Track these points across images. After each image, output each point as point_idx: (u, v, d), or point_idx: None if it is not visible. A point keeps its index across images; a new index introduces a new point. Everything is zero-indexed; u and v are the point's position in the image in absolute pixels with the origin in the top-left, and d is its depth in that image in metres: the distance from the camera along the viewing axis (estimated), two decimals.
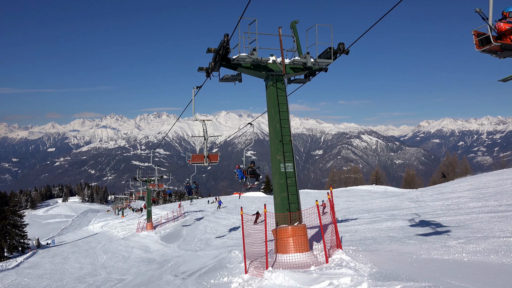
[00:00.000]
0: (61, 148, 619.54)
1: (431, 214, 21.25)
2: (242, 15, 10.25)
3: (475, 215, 17.86)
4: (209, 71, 12.93)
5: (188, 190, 30.64)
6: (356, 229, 20.45)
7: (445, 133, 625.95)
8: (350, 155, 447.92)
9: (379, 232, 18.14)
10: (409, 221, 20.06)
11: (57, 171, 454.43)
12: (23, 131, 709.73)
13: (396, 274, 8.59)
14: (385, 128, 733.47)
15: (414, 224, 18.73)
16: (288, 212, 11.81)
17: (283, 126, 12.45)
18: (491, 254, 9.67)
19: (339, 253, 10.77)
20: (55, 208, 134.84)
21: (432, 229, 16.16)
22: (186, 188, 30.78)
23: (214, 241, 26.95)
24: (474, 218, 17.10)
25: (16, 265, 30.54)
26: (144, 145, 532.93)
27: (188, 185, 30.54)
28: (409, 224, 18.94)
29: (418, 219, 20.21)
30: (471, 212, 19.32)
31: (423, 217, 20.73)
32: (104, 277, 20.43)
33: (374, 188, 64.08)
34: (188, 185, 30.48)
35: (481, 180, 36.21)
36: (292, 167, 12.28)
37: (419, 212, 23.26)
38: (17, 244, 40.02)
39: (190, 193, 30.83)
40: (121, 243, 33.44)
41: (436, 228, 16.09)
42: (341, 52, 12.52)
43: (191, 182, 30.32)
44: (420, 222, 18.85)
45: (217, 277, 12.44)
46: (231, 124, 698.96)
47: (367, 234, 18.14)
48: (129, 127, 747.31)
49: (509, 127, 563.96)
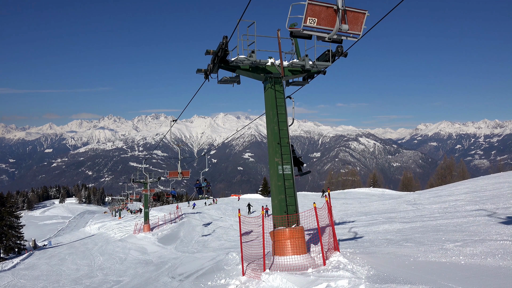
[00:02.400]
0: (58, 149, 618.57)
1: (428, 217, 21.28)
2: (241, 18, 10.26)
3: (472, 218, 17.89)
4: (208, 73, 12.94)
5: (198, 189, 27.59)
6: (353, 231, 20.45)
7: (443, 136, 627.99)
8: (347, 157, 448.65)
9: (376, 234, 18.14)
10: (407, 223, 20.07)
11: (54, 172, 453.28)
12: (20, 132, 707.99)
13: (393, 276, 8.59)
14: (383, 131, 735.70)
15: (412, 227, 18.74)
16: (286, 214, 11.81)
17: (281, 129, 12.47)
18: (488, 257, 9.69)
19: (337, 255, 10.77)
20: (52, 209, 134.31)
21: (429, 232, 16.18)
22: (196, 186, 27.71)
23: (212, 243, 26.91)
24: (471, 221, 17.13)
25: (12, 266, 30.37)
26: (142, 147, 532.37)
27: (198, 182, 27.60)
28: (406, 227, 18.95)
29: (416, 222, 20.23)
30: (468, 215, 19.35)
31: (420, 220, 20.75)
32: (100, 279, 20.36)
33: (371, 190, 64.14)
34: (198, 183, 27.53)
35: (478, 183, 36.31)
36: (289, 170, 12.29)
37: (417, 215, 23.29)
38: (14, 245, 39.82)
39: (201, 192, 27.58)
40: (118, 245, 33.34)
41: (433, 231, 16.11)
42: (340, 55, 12.55)
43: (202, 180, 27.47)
44: (417, 225, 18.86)
45: (214, 279, 12.42)
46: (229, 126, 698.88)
47: (364, 236, 18.14)
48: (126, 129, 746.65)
49: (506, 131, 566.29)
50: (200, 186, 27.24)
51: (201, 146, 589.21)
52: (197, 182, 27.54)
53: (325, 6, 7.42)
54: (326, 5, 7.42)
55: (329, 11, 7.49)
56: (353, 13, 7.71)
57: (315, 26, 7.52)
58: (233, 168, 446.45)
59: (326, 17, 7.47)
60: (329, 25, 7.52)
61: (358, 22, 7.67)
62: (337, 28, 7.48)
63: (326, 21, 7.49)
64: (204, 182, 27.38)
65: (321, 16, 7.45)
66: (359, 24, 7.66)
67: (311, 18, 7.35)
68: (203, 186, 27.20)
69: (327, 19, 7.49)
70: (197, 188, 27.57)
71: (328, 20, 7.53)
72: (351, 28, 7.61)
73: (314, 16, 7.38)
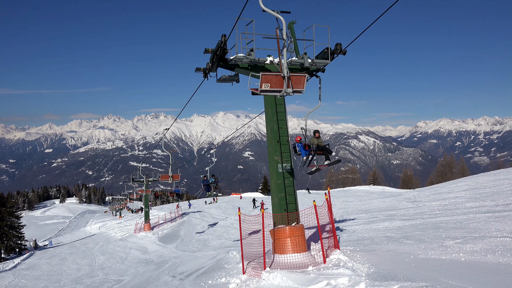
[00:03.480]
0: (58, 149, 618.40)
1: (428, 214, 21.28)
2: (239, 16, 10.26)
3: (472, 215, 17.89)
4: (207, 72, 12.94)
5: (206, 186, 25.56)
6: (353, 229, 20.46)
7: (443, 133, 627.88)
8: (347, 155, 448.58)
9: (376, 232, 18.15)
10: (407, 221, 20.08)
11: (54, 172, 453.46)
12: (20, 132, 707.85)
13: (393, 274, 8.60)
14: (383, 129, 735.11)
15: (412, 224, 18.75)
16: (286, 212, 11.82)
17: (280, 127, 12.47)
18: (488, 254, 9.70)
19: (337, 253, 10.78)
20: (53, 209, 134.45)
21: (429, 229, 16.19)
22: (204, 183, 25.72)
23: (212, 241, 26.92)
24: (471, 218, 17.13)
25: (13, 266, 30.41)
26: (142, 146, 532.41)
27: (205, 179, 25.66)
28: (406, 224, 18.96)
29: (416, 219, 20.23)
30: (468, 212, 19.36)
31: (420, 217, 20.75)
32: (101, 278, 20.38)
33: (371, 188, 64.15)
34: (206, 179, 25.63)
35: (478, 180, 36.32)
36: (289, 168, 12.30)
37: (417, 212, 23.30)
38: (14, 245, 39.85)
39: (209, 189, 25.49)
40: (119, 244, 33.37)
41: (433, 228, 16.11)
42: (339, 53, 12.54)
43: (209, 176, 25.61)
44: (417, 222, 18.86)
45: (215, 277, 12.43)
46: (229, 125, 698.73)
47: (364, 234, 18.14)
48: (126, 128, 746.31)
49: (506, 128, 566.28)
50: (207, 183, 25.43)
51: (201, 145, 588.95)
52: (205, 178, 25.73)
53: (275, 74, 9.98)
54: (275, 74, 10.00)
55: (278, 78, 9.95)
56: (296, 77, 10.11)
57: (269, 89, 10.03)
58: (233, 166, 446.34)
59: (276, 82, 9.97)
60: (279, 87, 10.05)
61: (301, 82, 10.20)
62: (284, 90, 9.98)
63: (276, 85, 10.00)
64: (211, 178, 25.58)
65: (272, 82, 9.95)
66: (301, 84, 10.22)
67: (265, 83, 9.91)
68: (211, 183, 25.39)
69: (277, 84, 9.99)
70: (204, 185, 25.68)
71: (278, 84, 9.99)
72: (296, 87, 10.16)
73: (267, 82, 9.92)
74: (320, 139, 13.32)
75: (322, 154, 13.22)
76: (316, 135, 13.41)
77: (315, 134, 13.37)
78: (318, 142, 13.17)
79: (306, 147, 13.09)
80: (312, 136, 13.45)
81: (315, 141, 13.15)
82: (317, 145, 13.08)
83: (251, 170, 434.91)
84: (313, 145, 13.11)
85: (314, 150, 13.03)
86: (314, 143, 13.14)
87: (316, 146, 13.06)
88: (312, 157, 13.08)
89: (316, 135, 13.34)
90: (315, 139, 13.22)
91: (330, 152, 13.27)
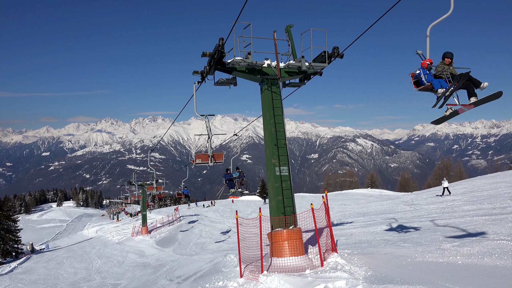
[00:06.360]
0: (55, 152, 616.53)
1: (426, 217, 21.31)
2: (237, 19, 10.29)
3: (469, 218, 17.94)
4: (204, 75, 12.95)
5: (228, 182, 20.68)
6: (351, 232, 20.46)
7: (440, 136, 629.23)
8: (345, 158, 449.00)
9: (374, 235, 18.16)
10: (404, 224, 20.11)
11: (51, 176, 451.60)
12: (17, 135, 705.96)
13: (391, 277, 8.61)
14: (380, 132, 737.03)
15: (409, 227, 18.78)
16: (283, 215, 11.81)
17: (278, 130, 12.48)
18: (485, 257, 9.72)
19: (334, 256, 10.77)
20: (50, 212, 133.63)
21: (426, 232, 16.21)
22: (226, 178, 20.83)
23: (210, 245, 26.86)
24: (468, 221, 17.17)
25: (10, 270, 30.21)
26: (139, 149, 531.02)
27: (228, 173, 20.87)
28: (404, 227, 18.99)
29: (413, 222, 20.26)
30: (465, 215, 19.40)
31: (418, 220, 20.79)
32: (98, 282, 20.29)
33: (369, 191, 64.19)
34: (229, 173, 20.81)
35: (476, 183, 36.44)
36: (287, 171, 12.30)
37: (414, 215, 23.33)
38: (11, 249, 39.61)
39: (232, 185, 20.60)
40: (116, 248, 33.24)
41: (431, 231, 16.14)
42: (336, 56, 12.59)
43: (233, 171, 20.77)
44: (415, 225, 18.89)
45: (212, 281, 12.40)
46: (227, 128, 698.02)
47: (362, 237, 18.15)
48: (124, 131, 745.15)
49: (503, 131, 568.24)
50: (230, 178, 20.57)
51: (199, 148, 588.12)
52: (227, 172, 20.95)
53: (203, 154, 16.82)
54: (203, 153, 16.86)
55: (206, 155, 16.73)
56: (218, 154, 16.93)
57: (201, 163, 16.54)
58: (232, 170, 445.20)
59: (205, 158, 16.72)
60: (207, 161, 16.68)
61: (221, 157, 16.97)
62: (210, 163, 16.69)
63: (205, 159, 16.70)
64: (236, 172, 20.72)
65: (202, 158, 16.67)
66: (221, 157, 16.97)
67: (198, 159, 16.64)
68: (235, 177, 20.53)
69: (206, 159, 16.70)
70: (227, 181, 20.78)
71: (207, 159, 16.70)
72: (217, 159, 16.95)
73: (199, 158, 16.65)
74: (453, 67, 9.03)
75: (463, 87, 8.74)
76: (447, 61, 9.03)
77: (445, 59, 9.00)
78: (451, 71, 8.91)
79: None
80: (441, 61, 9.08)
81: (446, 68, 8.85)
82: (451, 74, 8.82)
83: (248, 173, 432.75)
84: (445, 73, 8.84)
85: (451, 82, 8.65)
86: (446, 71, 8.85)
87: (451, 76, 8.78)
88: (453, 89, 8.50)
89: (446, 61, 8.98)
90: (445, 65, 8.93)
91: (477, 84, 8.66)
